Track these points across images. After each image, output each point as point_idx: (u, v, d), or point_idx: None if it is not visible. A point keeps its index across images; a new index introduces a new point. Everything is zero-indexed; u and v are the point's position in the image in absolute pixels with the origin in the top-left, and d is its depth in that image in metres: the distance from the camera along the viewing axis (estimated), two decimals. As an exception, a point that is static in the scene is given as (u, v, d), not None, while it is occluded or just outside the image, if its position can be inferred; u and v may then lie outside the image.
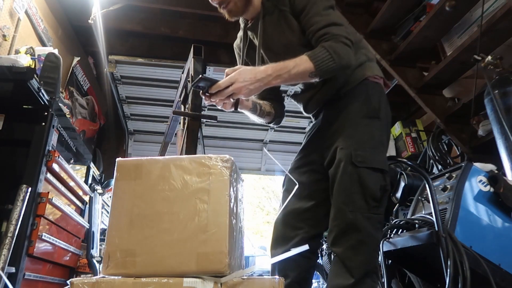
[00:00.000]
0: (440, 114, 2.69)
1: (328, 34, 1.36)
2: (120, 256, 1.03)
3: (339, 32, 1.36)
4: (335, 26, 1.38)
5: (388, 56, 2.95)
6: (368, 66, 1.51)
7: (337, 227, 1.32)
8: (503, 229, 1.49)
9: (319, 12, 1.40)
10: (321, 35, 1.37)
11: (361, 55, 1.51)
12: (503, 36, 2.19)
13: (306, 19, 1.42)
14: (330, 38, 1.35)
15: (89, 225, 2.64)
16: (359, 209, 1.29)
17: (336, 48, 1.32)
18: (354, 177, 1.31)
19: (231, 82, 1.25)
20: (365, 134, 1.37)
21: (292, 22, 1.47)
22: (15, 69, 1.85)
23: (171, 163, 1.12)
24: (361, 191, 1.30)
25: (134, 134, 5.29)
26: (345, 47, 1.34)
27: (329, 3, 1.44)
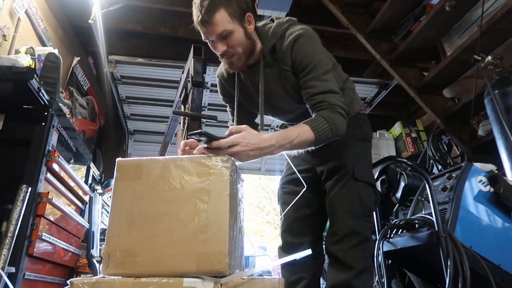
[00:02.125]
0: (440, 114, 2.69)
1: (325, 103, 1.39)
2: (120, 256, 1.03)
3: (335, 102, 1.39)
4: (332, 94, 1.41)
5: (388, 56, 2.95)
6: (356, 100, 1.65)
7: (339, 231, 1.47)
8: (503, 229, 1.49)
9: (318, 76, 1.42)
10: (318, 102, 1.40)
11: (349, 92, 1.63)
12: (503, 36, 2.19)
13: (304, 80, 1.44)
14: (327, 107, 1.38)
15: (89, 225, 2.64)
16: (357, 216, 1.47)
17: (335, 120, 1.36)
18: (355, 189, 1.49)
19: (234, 143, 1.19)
20: (362, 154, 1.57)
21: (293, 81, 1.49)
22: (15, 69, 1.85)
23: (171, 163, 1.12)
24: (359, 200, 1.49)
25: (134, 134, 5.29)
26: (341, 118, 1.38)
27: (328, 67, 1.46)
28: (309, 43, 1.45)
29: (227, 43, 1.41)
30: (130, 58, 3.92)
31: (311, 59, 1.43)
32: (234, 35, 1.40)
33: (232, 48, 1.42)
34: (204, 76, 2.37)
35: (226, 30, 1.38)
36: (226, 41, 1.41)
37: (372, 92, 4.43)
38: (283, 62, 1.48)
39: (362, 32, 3.04)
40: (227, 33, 1.39)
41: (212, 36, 1.40)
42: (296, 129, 1.33)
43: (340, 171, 1.52)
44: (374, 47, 3.00)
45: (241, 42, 1.43)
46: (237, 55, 1.45)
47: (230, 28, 1.38)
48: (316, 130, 1.32)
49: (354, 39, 3.32)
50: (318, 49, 1.47)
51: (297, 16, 1.61)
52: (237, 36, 1.41)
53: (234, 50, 1.43)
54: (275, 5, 3.04)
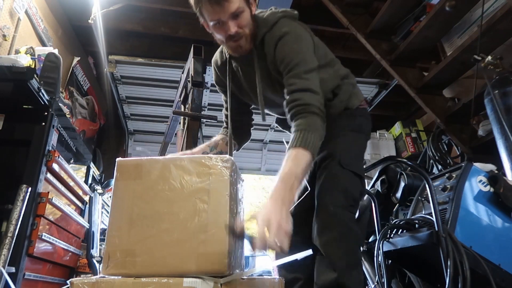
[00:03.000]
0: (440, 114, 2.69)
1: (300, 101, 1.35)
2: (120, 256, 1.03)
3: (311, 101, 1.34)
4: (309, 93, 1.36)
5: (388, 56, 2.95)
6: (355, 94, 1.60)
7: (320, 221, 1.39)
8: (503, 229, 1.49)
9: (299, 74, 1.38)
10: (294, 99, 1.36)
11: (348, 86, 1.59)
12: (503, 36, 2.19)
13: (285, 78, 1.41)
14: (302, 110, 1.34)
15: (89, 225, 2.64)
16: (340, 206, 1.37)
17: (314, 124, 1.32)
18: (339, 177, 1.41)
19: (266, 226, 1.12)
20: (351, 143, 1.50)
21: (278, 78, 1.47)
22: (15, 69, 1.85)
23: (171, 163, 1.12)
24: (344, 190, 1.40)
25: (134, 134, 5.29)
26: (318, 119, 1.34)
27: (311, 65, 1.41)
28: (293, 41, 1.43)
29: (238, 23, 1.38)
30: (130, 58, 3.92)
31: (293, 57, 1.40)
32: (244, 15, 1.38)
33: (242, 28, 1.40)
34: (204, 76, 2.37)
35: (240, 7, 1.35)
36: (237, 21, 1.37)
37: (372, 92, 4.43)
38: (268, 57, 1.47)
39: (362, 32, 3.04)
40: (240, 10, 1.36)
41: (224, 16, 1.35)
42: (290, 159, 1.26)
43: (327, 159, 1.45)
44: (374, 47, 2.99)
45: (249, 23, 1.41)
46: (244, 37, 1.42)
47: (242, 6, 1.36)
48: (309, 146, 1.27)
49: (354, 39, 3.32)
50: (302, 47, 1.44)
51: None
52: (246, 16, 1.40)
53: (243, 31, 1.41)
54: (275, 5, 3.03)
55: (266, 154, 5.27)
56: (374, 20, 2.94)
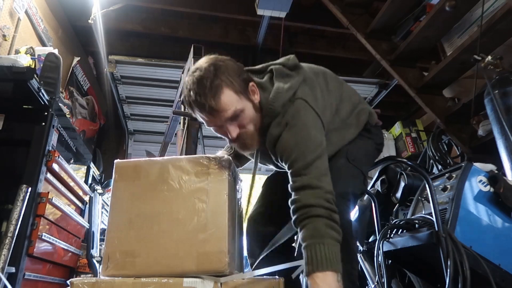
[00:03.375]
0: (440, 114, 2.69)
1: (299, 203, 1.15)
2: (119, 257, 1.03)
3: (310, 200, 1.14)
4: (308, 190, 1.16)
5: (388, 56, 2.95)
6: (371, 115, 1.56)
7: None
8: (503, 229, 1.49)
9: (299, 171, 1.20)
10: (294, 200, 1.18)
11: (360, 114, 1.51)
12: (503, 36, 2.18)
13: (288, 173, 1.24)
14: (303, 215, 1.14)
15: (89, 225, 2.64)
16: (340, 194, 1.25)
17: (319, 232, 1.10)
18: (344, 169, 1.37)
19: None
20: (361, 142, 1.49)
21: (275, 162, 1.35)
22: (15, 69, 1.85)
23: (170, 164, 1.12)
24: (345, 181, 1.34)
25: (134, 134, 5.29)
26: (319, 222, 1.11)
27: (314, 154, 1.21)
28: (298, 134, 1.24)
29: (238, 124, 1.23)
30: (130, 58, 3.92)
31: (290, 153, 1.22)
32: (245, 113, 1.22)
33: (245, 128, 1.24)
34: (204, 76, 2.36)
35: (237, 110, 1.19)
36: (237, 122, 1.22)
37: (372, 92, 4.43)
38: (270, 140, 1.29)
39: (362, 32, 3.03)
40: (238, 112, 1.20)
41: (220, 122, 1.21)
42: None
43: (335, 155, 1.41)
44: (374, 47, 2.99)
45: (252, 118, 1.25)
46: (250, 135, 1.26)
47: (240, 107, 1.20)
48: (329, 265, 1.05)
49: (354, 39, 3.32)
50: (306, 135, 1.24)
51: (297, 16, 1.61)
52: (248, 113, 1.24)
53: (246, 131, 1.25)
54: (275, 5, 3.04)
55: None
56: (374, 20, 2.94)
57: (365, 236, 2.24)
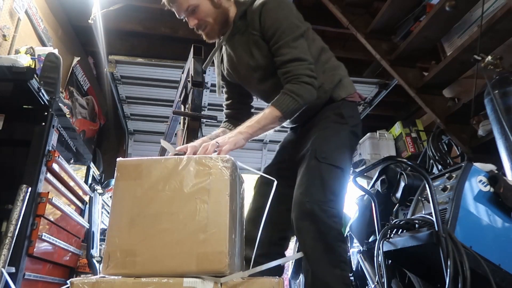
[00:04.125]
0: (440, 114, 2.69)
1: (290, 73, 1.42)
2: (120, 256, 1.03)
3: (301, 71, 1.41)
4: (298, 62, 1.42)
5: (388, 56, 2.95)
6: (342, 86, 1.60)
7: (295, 218, 1.36)
8: (503, 229, 1.49)
9: (288, 43, 1.44)
10: (285, 71, 1.44)
11: (334, 76, 1.60)
12: (503, 36, 2.18)
13: (274, 48, 1.46)
14: (292, 79, 1.41)
15: (89, 225, 2.64)
16: (316, 201, 1.33)
17: (298, 90, 1.39)
18: (316, 171, 1.40)
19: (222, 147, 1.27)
20: (332, 134, 1.49)
21: (262, 47, 1.51)
22: (15, 69, 1.85)
23: (171, 163, 1.12)
24: (321, 184, 1.37)
25: (134, 134, 5.29)
26: (305, 86, 1.40)
27: (298, 31, 1.47)
28: (278, 7, 1.47)
29: (196, 17, 1.49)
30: (130, 58, 3.92)
31: (279, 25, 1.45)
32: (200, 8, 1.48)
33: (202, 20, 1.50)
34: (204, 76, 2.37)
35: (191, 5, 1.46)
36: (195, 15, 1.49)
37: (372, 92, 4.43)
38: (252, 27, 1.50)
39: (362, 32, 3.03)
40: (193, 7, 1.47)
41: (181, 13, 1.50)
42: (262, 113, 1.39)
43: (305, 154, 1.46)
44: (374, 47, 2.99)
45: (210, 13, 1.49)
46: (209, 26, 1.52)
47: (194, 2, 1.46)
48: (280, 107, 1.37)
49: (354, 39, 3.32)
50: (287, 12, 1.49)
51: None
52: (204, 8, 1.48)
53: (205, 22, 1.51)
54: (275, 4, 3.03)
55: (266, 154, 5.27)
56: (374, 20, 2.94)
57: (365, 236, 2.24)
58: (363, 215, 2.29)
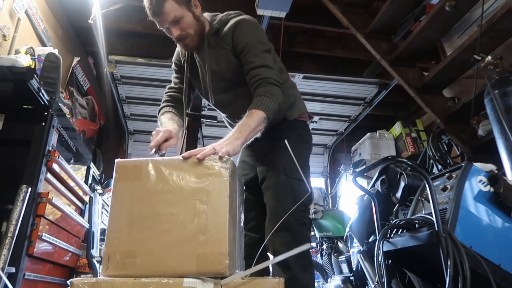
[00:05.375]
0: (440, 114, 2.69)
1: (259, 76, 1.54)
2: (119, 258, 1.03)
3: (270, 75, 1.54)
4: (267, 68, 1.56)
5: (388, 56, 2.95)
6: (296, 106, 1.78)
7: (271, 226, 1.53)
8: (503, 229, 1.49)
9: (257, 54, 1.58)
10: (254, 75, 1.55)
11: (289, 97, 1.74)
12: (503, 36, 2.18)
13: (244, 58, 1.59)
14: (261, 82, 1.52)
15: (89, 225, 2.64)
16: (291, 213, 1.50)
17: (271, 91, 1.50)
18: (287, 185, 1.60)
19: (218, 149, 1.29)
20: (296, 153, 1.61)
21: (230, 61, 1.65)
22: (15, 69, 1.85)
23: (171, 164, 1.12)
24: (292, 196, 1.56)
25: (134, 134, 5.29)
26: (276, 87, 1.53)
27: (266, 47, 1.62)
28: (250, 27, 1.63)
29: (179, 27, 1.60)
30: (130, 58, 3.92)
31: (250, 38, 1.60)
32: (184, 19, 1.59)
33: (184, 31, 1.61)
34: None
35: (176, 16, 1.56)
36: (179, 25, 1.59)
37: (372, 92, 4.43)
38: (224, 42, 1.64)
39: (362, 32, 3.03)
40: (177, 18, 1.57)
41: (165, 24, 1.59)
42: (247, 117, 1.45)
43: (273, 170, 1.63)
44: (374, 47, 2.99)
45: (192, 25, 1.61)
46: (190, 37, 1.63)
47: (179, 14, 1.57)
48: (263, 107, 1.45)
49: (354, 39, 3.32)
50: (258, 32, 1.65)
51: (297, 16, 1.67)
52: (187, 20, 1.59)
53: (186, 33, 1.62)
54: (275, 5, 3.04)
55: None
56: (374, 20, 2.94)
57: (365, 236, 2.24)
58: (363, 215, 2.29)
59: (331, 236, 3.13)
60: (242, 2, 3.45)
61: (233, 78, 1.67)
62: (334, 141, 5.62)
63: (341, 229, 3.05)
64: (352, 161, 4.87)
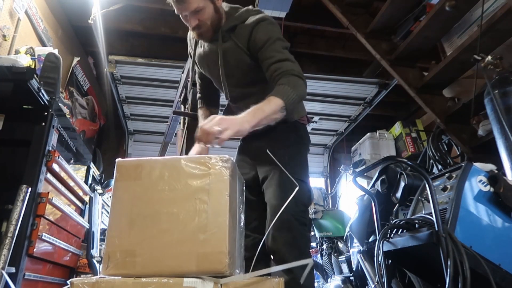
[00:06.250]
0: (440, 114, 2.69)
1: (282, 69, 1.51)
2: (120, 257, 1.03)
3: (293, 67, 1.52)
4: (289, 62, 1.54)
5: (388, 56, 2.95)
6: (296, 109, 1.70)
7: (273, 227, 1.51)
8: (503, 229, 1.49)
9: (278, 49, 1.56)
10: (276, 68, 1.52)
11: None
12: (503, 36, 2.18)
13: (264, 54, 1.57)
14: (284, 74, 1.50)
15: (89, 225, 2.64)
16: (292, 213, 1.51)
17: (294, 82, 1.48)
18: (288, 185, 1.55)
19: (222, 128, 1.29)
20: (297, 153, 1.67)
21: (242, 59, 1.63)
22: (15, 69, 1.85)
23: (171, 164, 1.12)
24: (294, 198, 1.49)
25: (134, 134, 5.29)
26: (299, 80, 1.50)
27: (286, 44, 1.60)
28: (270, 24, 1.61)
29: (198, 18, 1.58)
30: (130, 58, 3.93)
31: (271, 35, 1.57)
32: (205, 10, 1.57)
33: (203, 21, 1.59)
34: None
35: (199, 6, 1.55)
36: (198, 15, 1.57)
37: (372, 92, 4.44)
38: (239, 40, 1.61)
39: (362, 32, 3.03)
40: (199, 8, 1.56)
41: (186, 11, 1.57)
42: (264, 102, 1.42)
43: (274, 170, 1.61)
44: (374, 47, 2.99)
45: (211, 16, 1.60)
46: (206, 27, 1.62)
47: (202, 5, 1.55)
48: (282, 95, 1.42)
49: (354, 39, 3.33)
50: (278, 30, 1.63)
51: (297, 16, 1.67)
52: (208, 11, 1.58)
53: (203, 23, 1.60)
54: (275, 5, 3.04)
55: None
56: (374, 20, 2.94)
57: (365, 236, 2.24)
58: (363, 215, 2.29)
59: (331, 236, 3.13)
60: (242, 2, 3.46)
61: (242, 77, 1.68)
62: (334, 141, 5.62)
63: (341, 229, 3.05)
64: (352, 161, 4.87)
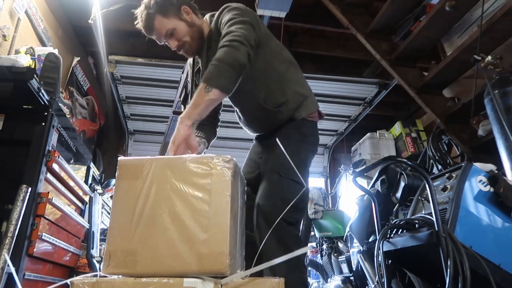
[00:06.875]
0: (440, 114, 2.69)
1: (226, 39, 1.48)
2: (121, 256, 1.03)
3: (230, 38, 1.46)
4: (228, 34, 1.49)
5: (388, 56, 2.95)
6: (304, 106, 1.68)
7: (259, 228, 1.50)
8: (503, 229, 1.49)
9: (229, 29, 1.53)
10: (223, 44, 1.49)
11: (297, 96, 1.67)
12: (503, 36, 2.19)
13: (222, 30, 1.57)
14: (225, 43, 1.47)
15: (89, 225, 2.64)
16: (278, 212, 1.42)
17: (220, 57, 1.43)
18: (277, 185, 1.54)
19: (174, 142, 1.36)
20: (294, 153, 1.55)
21: None
22: (15, 69, 1.85)
23: (173, 163, 1.12)
24: (282, 197, 1.49)
25: (134, 134, 5.29)
26: (230, 49, 1.44)
27: (240, 18, 1.55)
28: (232, 10, 1.60)
29: (175, 39, 1.64)
30: (130, 58, 3.93)
31: (230, 18, 1.56)
32: (178, 30, 1.63)
33: (181, 40, 1.65)
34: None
35: (169, 29, 1.62)
36: (174, 37, 1.64)
37: (372, 92, 4.44)
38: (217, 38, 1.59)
39: (362, 32, 3.04)
40: (170, 31, 1.62)
41: (161, 38, 1.65)
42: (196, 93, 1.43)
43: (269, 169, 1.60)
44: (374, 47, 3.00)
45: (187, 32, 1.64)
46: (187, 44, 1.67)
47: (171, 26, 1.61)
48: (204, 80, 1.41)
49: (354, 39, 3.33)
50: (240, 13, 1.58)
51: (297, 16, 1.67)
52: (181, 29, 1.63)
53: (183, 42, 1.65)
54: (275, 5, 3.04)
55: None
56: (374, 20, 2.94)
57: (365, 236, 2.24)
58: (363, 215, 2.29)
59: (331, 236, 3.13)
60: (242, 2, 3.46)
61: None
62: (334, 141, 5.62)
63: (341, 229, 3.05)
64: (352, 161, 4.87)
